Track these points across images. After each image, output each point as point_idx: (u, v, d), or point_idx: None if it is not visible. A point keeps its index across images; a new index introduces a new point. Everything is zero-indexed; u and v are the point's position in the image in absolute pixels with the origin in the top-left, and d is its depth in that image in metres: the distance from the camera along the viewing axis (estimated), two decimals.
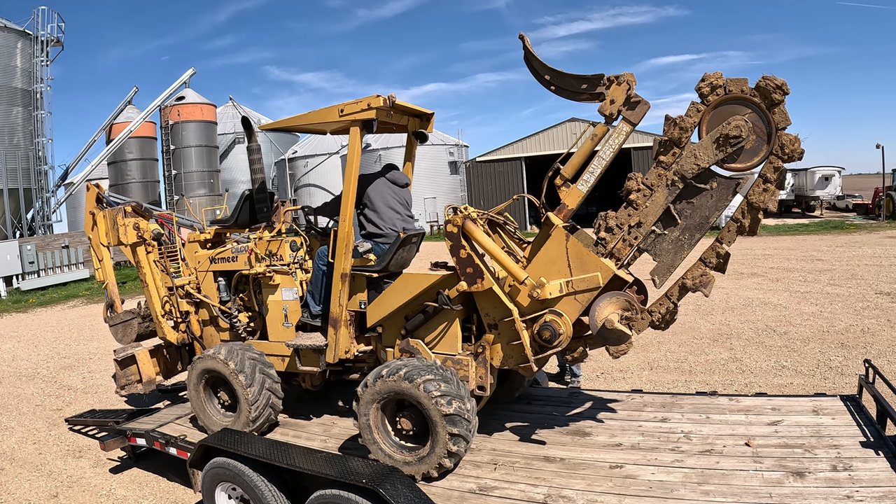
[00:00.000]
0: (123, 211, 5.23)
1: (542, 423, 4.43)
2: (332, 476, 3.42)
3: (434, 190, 30.46)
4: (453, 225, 3.76)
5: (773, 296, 10.94)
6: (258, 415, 4.44)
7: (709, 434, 3.98)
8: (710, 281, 3.58)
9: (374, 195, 4.44)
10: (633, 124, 3.58)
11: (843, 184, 29.93)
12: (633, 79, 3.56)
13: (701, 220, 3.56)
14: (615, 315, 3.52)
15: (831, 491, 3.14)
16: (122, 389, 5.46)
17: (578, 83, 3.70)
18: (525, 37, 3.84)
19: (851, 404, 4.23)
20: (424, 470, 3.65)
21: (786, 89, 3.26)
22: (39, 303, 16.52)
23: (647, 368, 7.39)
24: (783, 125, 3.30)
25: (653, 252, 3.66)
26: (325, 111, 4.16)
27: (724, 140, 3.39)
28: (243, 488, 3.89)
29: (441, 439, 3.56)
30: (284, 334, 4.68)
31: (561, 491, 3.39)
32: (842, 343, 7.78)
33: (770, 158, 3.37)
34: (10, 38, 22.07)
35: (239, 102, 37.77)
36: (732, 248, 3.60)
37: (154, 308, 5.28)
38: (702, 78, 3.45)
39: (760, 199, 3.42)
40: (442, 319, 4.06)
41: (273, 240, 4.69)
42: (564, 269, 3.64)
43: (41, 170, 23.87)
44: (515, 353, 3.84)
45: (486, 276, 3.74)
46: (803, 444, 3.70)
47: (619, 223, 3.64)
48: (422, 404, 3.60)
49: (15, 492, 5.24)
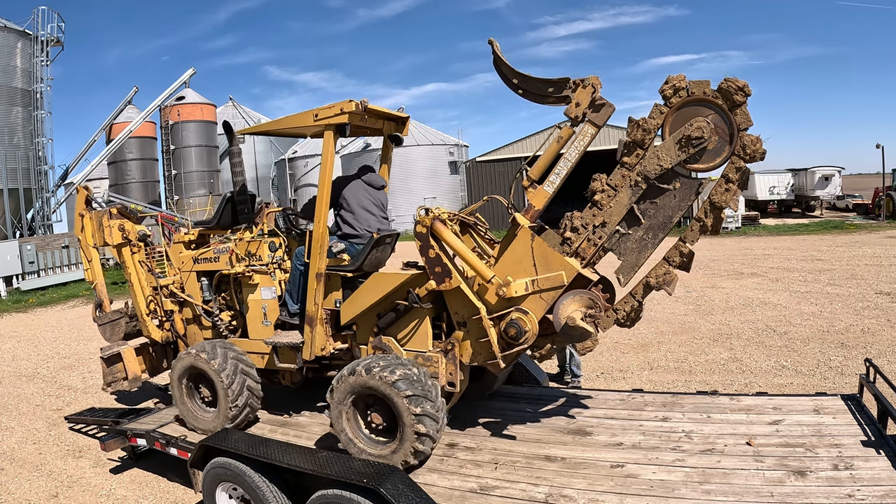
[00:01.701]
0: (109, 213, 5.40)
1: (543, 423, 4.44)
2: (332, 476, 3.42)
3: (434, 190, 30.49)
4: (422, 226, 3.87)
5: (773, 296, 10.95)
6: (238, 411, 4.55)
7: (710, 433, 3.98)
8: (674, 279, 3.66)
9: (349, 197, 4.57)
10: (597, 126, 3.65)
11: (843, 184, 29.90)
12: (598, 82, 3.63)
13: (664, 220, 3.64)
14: (578, 313, 3.62)
15: (832, 490, 3.14)
16: (108, 386, 5.58)
17: (545, 87, 3.79)
18: (494, 42, 3.93)
19: (852, 403, 4.23)
20: (394, 461, 3.75)
21: (747, 91, 3.31)
22: (39, 303, 16.51)
23: (648, 368, 7.39)
24: (745, 126, 3.36)
25: (617, 251, 3.74)
26: (301, 116, 4.28)
27: (687, 141, 3.45)
28: (244, 488, 3.89)
29: (408, 435, 3.67)
30: (264, 332, 4.80)
31: (562, 490, 3.39)
32: (842, 343, 7.78)
33: (732, 159, 3.44)
34: (10, 38, 22.07)
35: (239, 102, 37.79)
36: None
37: (139, 307, 5.43)
38: (665, 80, 3.52)
39: (723, 199, 3.48)
40: (413, 317, 4.17)
41: (252, 240, 4.83)
42: (530, 268, 3.73)
43: (41, 170, 23.87)
44: (484, 350, 3.93)
45: (454, 275, 3.84)
46: (804, 444, 3.70)
47: (583, 223, 3.73)
48: (391, 401, 3.71)
49: (15, 492, 5.24)
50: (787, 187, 29.55)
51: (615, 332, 9.08)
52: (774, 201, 29.86)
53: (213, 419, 4.64)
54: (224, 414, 4.55)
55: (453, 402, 4.26)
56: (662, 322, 9.56)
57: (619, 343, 8.57)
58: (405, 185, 30.19)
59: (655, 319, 9.76)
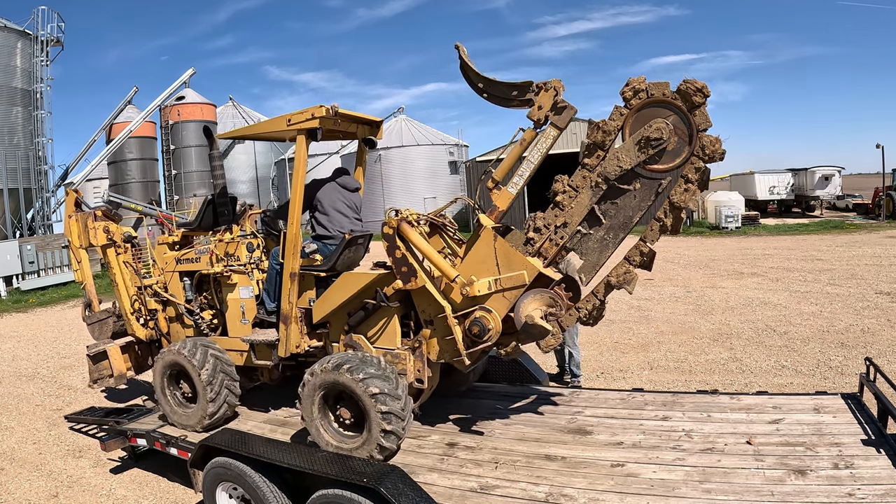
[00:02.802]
0: (94, 215, 5.55)
1: (543, 422, 4.43)
2: (333, 475, 3.42)
3: (434, 190, 30.49)
4: (389, 227, 3.95)
5: (773, 295, 10.94)
6: (216, 407, 4.67)
7: (710, 432, 3.98)
8: (634, 278, 3.73)
9: (323, 199, 4.71)
10: (559, 129, 3.72)
11: (843, 183, 29.90)
12: (561, 85, 3.71)
13: (625, 220, 3.70)
14: (538, 311, 3.70)
15: (833, 489, 3.14)
16: (94, 383, 5.72)
17: (509, 90, 3.86)
18: (461, 47, 4.01)
19: (853, 402, 4.23)
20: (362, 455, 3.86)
21: (706, 92, 3.35)
22: (39, 303, 16.51)
23: (647, 368, 7.38)
24: (704, 127, 3.40)
25: (579, 251, 3.81)
26: (276, 120, 4.43)
27: (646, 142, 3.50)
28: (244, 488, 3.89)
29: (375, 429, 3.78)
30: (242, 330, 4.93)
31: (562, 490, 3.39)
32: (842, 343, 7.78)
33: (691, 159, 3.47)
34: (10, 38, 22.07)
35: (239, 102, 37.81)
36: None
37: (123, 306, 5.57)
38: (626, 83, 3.56)
39: (682, 199, 3.53)
40: (382, 316, 4.26)
41: (231, 241, 4.96)
42: (493, 268, 3.80)
43: (41, 170, 23.87)
44: (450, 348, 4.01)
45: (420, 274, 3.93)
46: (805, 443, 3.70)
47: (546, 223, 3.80)
48: (357, 396, 3.83)
49: (15, 492, 5.24)
50: (787, 187, 29.55)
51: (615, 332, 9.09)
52: (774, 201, 29.87)
53: (192, 415, 4.78)
54: (203, 409, 4.67)
55: (423, 398, 4.38)
56: (662, 322, 9.56)
57: (619, 343, 8.57)
58: (405, 185, 30.21)
59: (655, 319, 9.76)
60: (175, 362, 4.78)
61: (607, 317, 10.09)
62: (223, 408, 4.72)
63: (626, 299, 11.45)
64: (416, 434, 4.41)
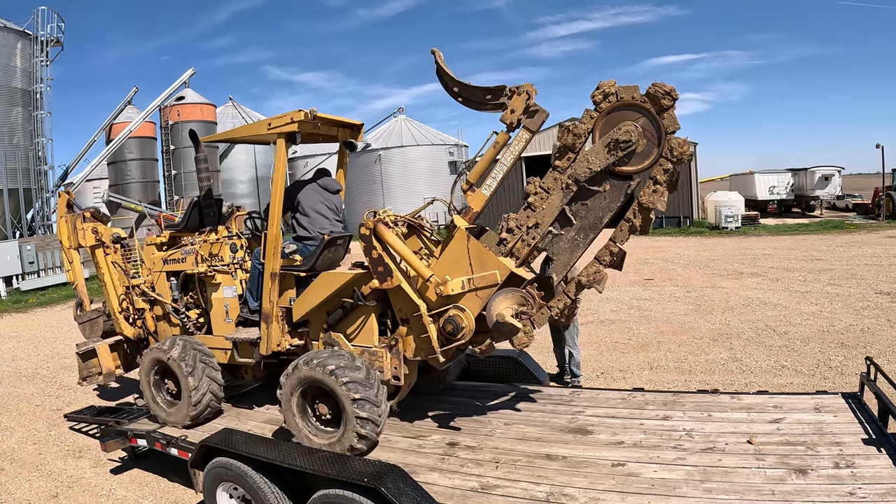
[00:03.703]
0: (82, 216, 5.69)
1: (544, 422, 4.43)
2: (333, 475, 3.42)
3: (434, 190, 30.43)
4: (366, 228, 4.06)
5: (773, 295, 10.94)
6: (200, 403, 4.77)
7: (711, 432, 3.98)
8: (604, 278, 3.80)
9: (303, 200, 4.82)
10: (531, 132, 3.82)
11: (843, 183, 29.90)
12: (533, 89, 3.79)
13: (595, 221, 3.77)
14: (509, 310, 3.77)
15: (834, 488, 3.14)
16: (84, 381, 5.83)
17: (483, 94, 3.97)
18: (437, 52, 4.12)
19: (853, 402, 4.24)
20: (338, 450, 3.95)
21: (674, 95, 3.43)
22: (39, 303, 16.50)
23: (647, 368, 7.38)
24: (672, 129, 3.47)
25: (550, 251, 3.88)
26: (257, 125, 4.56)
27: (615, 144, 3.57)
28: (245, 488, 3.89)
29: (350, 422, 3.88)
30: (226, 329, 5.05)
31: (563, 489, 3.39)
32: (842, 343, 7.78)
33: (660, 161, 3.54)
34: (9, 38, 22.06)
35: (239, 102, 37.79)
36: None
37: (112, 305, 5.69)
38: (596, 86, 3.65)
39: (650, 200, 3.59)
40: (359, 314, 4.37)
41: (215, 242, 5.08)
42: (466, 268, 3.89)
43: (41, 170, 23.85)
44: (425, 346, 4.10)
45: (396, 273, 4.03)
46: (805, 442, 3.71)
47: (518, 224, 3.88)
48: (331, 389, 3.93)
49: (15, 492, 5.23)
50: (786, 187, 29.55)
51: (615, 332, 9.09)
52: (774, 201, 29.87)
53: (177, 411, 4.88)
54: (187, 406, 4.78)
55: (401, 395, 4.47)
56: (662, 322, 9.56)
57: (619, 343, 8.57)
58: (405, 185, 30.20)
59: (655, 319, 9.76)
60: (159, 360, 4.90)
61: (607, 317, 10.18)
62: (207, 404, 4.82)
63: (626, 299, 11.46)
64: (416, 434, 4.41)
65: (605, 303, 11.27)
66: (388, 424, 4.62)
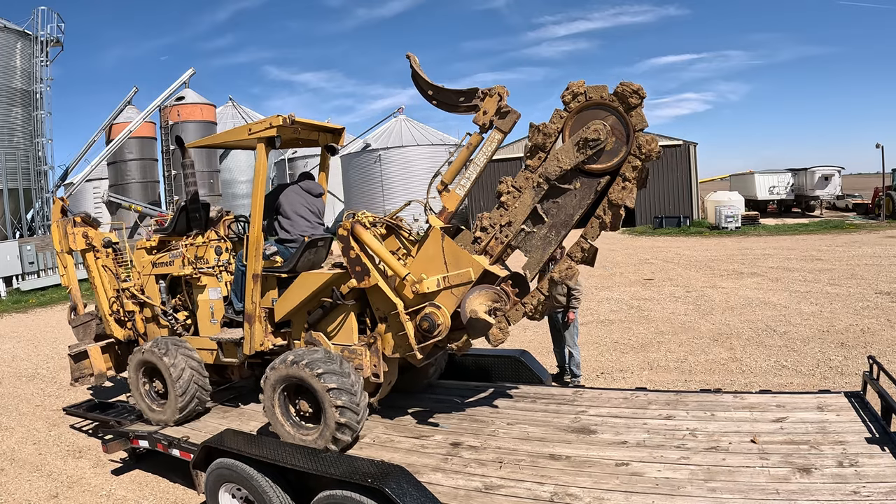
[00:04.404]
0: (73, 221, 5.84)
1: (547, 422, 4.43)
2: (337, 476, 3.41)
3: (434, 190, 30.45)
4: (343, 228, 4.15)
5: (773, 295, 10.95)
6: (186, 402, 4.88)
7: (714, 431, 3.98)
8: (575, 273, 3.89)
9: (285, 203, 4.91)
10: (504, 132, 3.92)
11: (843, 183, 29.93)
12: (505, 91, 3.89)
13: (566, 218, 3.85)
14: (482, 306, 3.87)
15: (838, 487, 3.14)
16: (76, 382, 5.92)
17: (456, 97, 4.07)
18: (412, 56, 4.25)
19: (856, 401, 4.23)
20: (319, 445, 4.01)
21: (642, 93, 3.49)
22: (39, 303, 16.47)
23: (647, 368, 7.38)
24: (640, 127, 3.54)
25: (523, 248, 3.96)
26: (238, 129, 4.69)
27: (584, 143, 3.64)
28: (248, 489, 3.88)
29: (328, 408, 3.94)
30: (211, 330, 5.14)
31: (567, 489, 3.38)
32: (842, 343, 7.78)
33: (629, 158, 3.59)
34: (9, 38, 22.04)
35: (238, 102, 37.76)
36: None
37: (102, 308, 5.81)
38: (566, 87, 3.71)
39: (620, 197, 3.65)
40: (339, 313, 4.46)
41: (201, 245, 5.21)
42: (441, 266, 3.99)
43: (41, 170, 23.82)
44: (403, 343, 4.18)
45: (373, 273, 4.12)
46: (809, 441, 3.70)
47: (491, 223, 3.96)
48: (309, 385, 4.01)
49: (15, 492, 5.22)
50: (786, 187, 29.58)
51: (615, 332, 9.08)
52: (774, 201, 29.90)
53: (165, 410, 5.00)
54: (174, 405, 4.89)
55: (382, 393, 4.56)
56: (662, 322, 9.56)
57: (619, 343, 8.57)
58: (405, 185, 30.17)
59: (655, 319, 9.76)
60: (147, 360, 5.01)
61: (607, 317, 10.18)
62: (193, 403, 4.93)
63: (626, 299, 11.45)
64: (419, 434, 4.41)
65: (605, 303, 11.27)
66: (390, 425, 4.63)
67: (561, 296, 6.38)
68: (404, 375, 4.88)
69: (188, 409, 4.92)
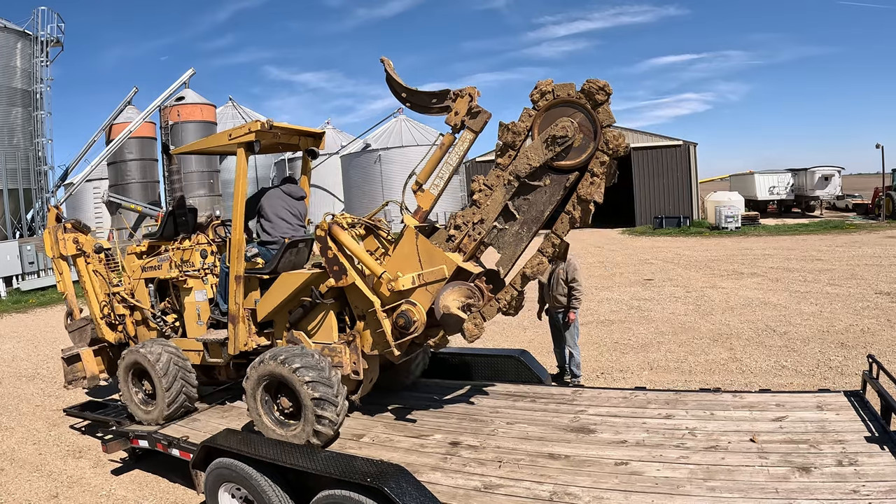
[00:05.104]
0: (63, 227, 5.97)
1: (547, 421, 4.43)
2: (337, 475, 3.41)
3: None
4: (321, 229, 4.21)
5: (773, 296, 10.95)
6: (173, 402, 4.98)
7: (713, 430, 3.98)
8: (547, 269, 3.94)
9: (266, 206, 5.01)
10: (475, 132, 4.00)
11: (843, 183, 29.94)
12: (475, 91, 3.97)
13: (537, 215, 3.91)
14: (455, 302, 3.93)
15: (838, 486, 3.14)
16: (69, 384, 6.04)
17: (429, 99, 4.16)
18: (386, 60, 4.34)
19: (855, 400, 4.23)
20: (299, 441, 4.07)
21: (608, 90, 3.55)
22: (39, 303, 16.47)
23: (647, 368, 7.38)
24: (607, 123, 3.59)
25: (496, 245, 4.02)
26: (219, 135, 4.78)
27: (552, 140, 3.69)
28: (247, 489, 3.88)
29: (309, 412, 4.03)
30: (198, 331, 5.22)
31: (566, 488, 3.38)
32: (842, 343, 7.78)
33: (597, 154, 3.64)
34: (9, 38, 22.04)
35: (238, 103, 37.79)
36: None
37: (93, 311, 5.92)
38: (535, 86, 3.77)
39: (588, 192, 3.69)
40: (319, 312, 4.53)
41: (187, 249, 5.30)
42: (416, 264, 4.06)
43: (41, 170, 23.81)
44: (381, 340, 4.24)
45: (350, 272, 4.18)
46: (808, 440, 3.70)
47: (464, 221, 4.03)
48: (288, 381, 4.08)
49: (15, 492, 5.22)
50: (786, 187, 29.59)
51: (615, 332, 9.09)
52: (774, 201, 29.90)
53: (153, 410, 5.10)
54: (162, 405, 4.99)
55: (364, 390, 4.60)
56: (662, 322, 9.56)
57: (619, 343, 8.57)
58: None
59: (655, 319, 9.76)
60: (136, 362, 5.10)
61: (607, 317, 10.18)
62: (180, 402, 5.03)
63: (626, 299, 11.46)
64: (418, 433, 4.41)
65: (605, 303, 11.27)
66: (389, 424, 4.63)
67: (562, 296, 6.40)
68: (386, 373, 4.96)
69: (176, 409, 5.04)
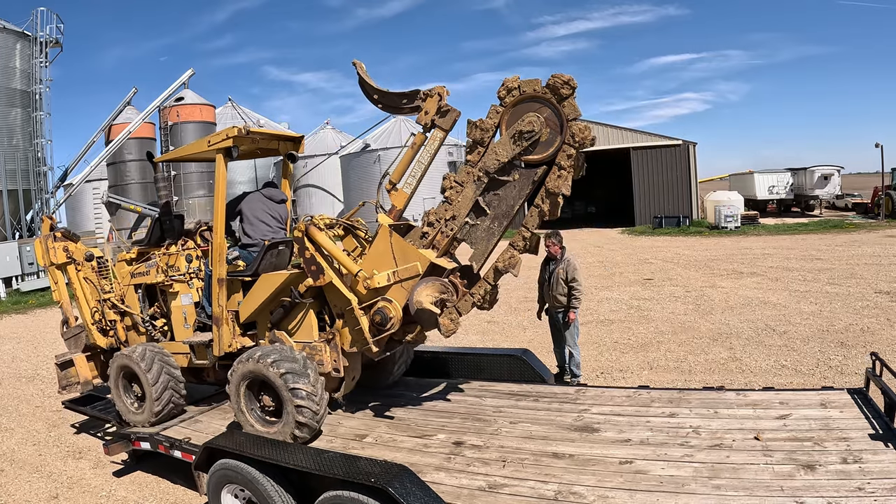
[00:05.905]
0: (53, 236, 6.07)
1: (550, 420, 4.42)
2: (340, 476, 3.39)
3: (434, 190, 30.42)
4: (298, 230, 4.28)
5: (772, 295, 10.95)
6: (162, 405, 5.05)
7: (717, 428, 3.97)
8: (518, 262, 3.99)
9: (246, 209, 5.08)
10: (445, 131, 4.07)
11: (843, 183, 29.99)
12: (444, 91, 4.04)
13: (507, 209, 3.96)
14: (428, 298, 3.98)
15: (842, 483, 3.14)
16: (63, 390, 6.09)
17: (400, 99, 4.24)
18: (358, 63, 4.43)
19: (859, 397, 4.23)
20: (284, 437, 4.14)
21: (573, 84, 3.59)
22: (39, 304, 16.44)
23: (647, 368, 7.37)
24: (573, 116, 3.64)
25: (469, 240, 4.08)
26: (199, 142, 4.88)
27: (520, 135, 3.75)
28: (251, 490, 3.86)
29: (290, 410, 4.09)
30: (185, 334, 5.30)
31: (571, 487, 3.38)
32: (841, 342, 7.77)
33: (563, 147, 3.69)
34: (8, 39, 21.99)
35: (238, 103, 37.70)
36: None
37: (85, 318, 5.99)
38: (502, 83, 3.82)
39: (556, 185, 3.74)
40: (299, 312, 4.60)
41: (173, 254, 5.40)
42: (391, 261, 4.12)
43: (40, 171, 23.74)
44: (359, 337, 4.30)
45: (328, 271, 4.23)
46: (812, 438, 3.70)
47: (437, 217, 4.09)
48: (265, 376, 4.16)
49: (15, 493, 5.20)
50: (786, 186, 29.62)
51: (615, 332, 9.08)
52: (774, 201, 29.92)
53: (143, 412, 5.18)
54: (150, 407, 5.07)
55: (347, 388, 4.69)
56: (662, 321, 9.56)
57: (619, 343, 8.56)
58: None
59: (655, 319, 9.76)
60: (125, 365, 5.18)
61: (607, 317, 10.17)
62: (169, 405, 5.11)
63: (626, 299, 11.45)
64: (422, 433, 4.40)
65: (604, 303, 11.27)
66: (392, 424, 4.62)
67: (562, 296, 6.39)
68: (368, 371, 5.01)
69: (165, 411, 5.11)
